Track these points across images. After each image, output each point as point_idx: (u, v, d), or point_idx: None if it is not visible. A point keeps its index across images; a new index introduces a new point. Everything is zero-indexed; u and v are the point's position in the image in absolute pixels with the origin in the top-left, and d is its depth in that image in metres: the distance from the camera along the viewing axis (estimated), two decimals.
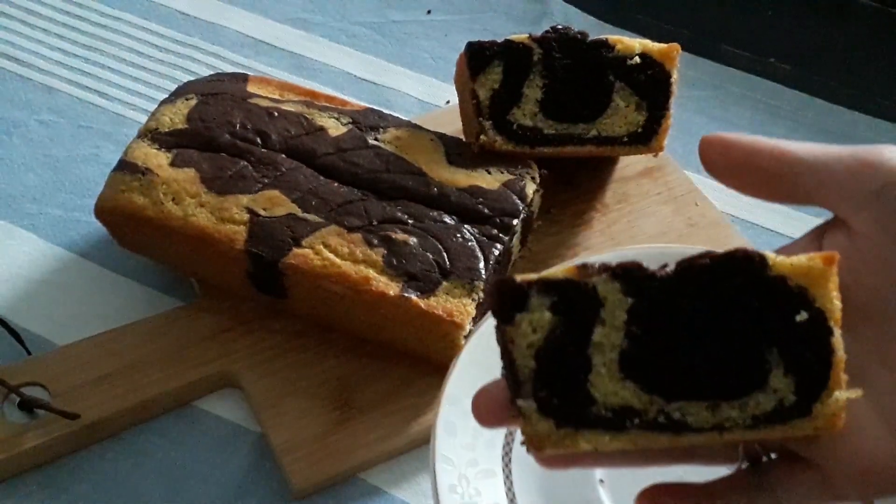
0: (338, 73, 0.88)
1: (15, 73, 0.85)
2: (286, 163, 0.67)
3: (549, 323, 0.39)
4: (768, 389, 0.39)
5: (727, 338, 0.39)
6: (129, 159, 0.67)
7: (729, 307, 0.39)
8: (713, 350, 0.39)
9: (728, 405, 0.39)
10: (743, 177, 0.44)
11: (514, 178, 0.68)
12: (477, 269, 0.63)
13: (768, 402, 0.39)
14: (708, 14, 0.96)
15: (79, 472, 0.62)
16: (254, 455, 0.63)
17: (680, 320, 0.39)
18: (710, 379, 0.39)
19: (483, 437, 0.55)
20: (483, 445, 0.55)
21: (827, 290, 0.39)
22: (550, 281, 0.39)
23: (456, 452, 0.53)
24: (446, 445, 0.53)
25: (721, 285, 0.39)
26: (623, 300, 0.39)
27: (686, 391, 0.39)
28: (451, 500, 0.51)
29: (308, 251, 0.63)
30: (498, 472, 0.55)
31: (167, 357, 0.66)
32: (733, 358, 0.39)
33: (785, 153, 0.43)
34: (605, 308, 0.39)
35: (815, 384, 0.39)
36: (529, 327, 0.39)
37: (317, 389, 0.65)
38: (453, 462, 0.53)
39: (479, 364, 0.56)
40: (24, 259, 0.73)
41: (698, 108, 0.86)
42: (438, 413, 0.53)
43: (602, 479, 0.55)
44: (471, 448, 0.54)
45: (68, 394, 0.63)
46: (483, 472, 0.54)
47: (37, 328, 0.69)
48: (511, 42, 0.68)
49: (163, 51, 0.88)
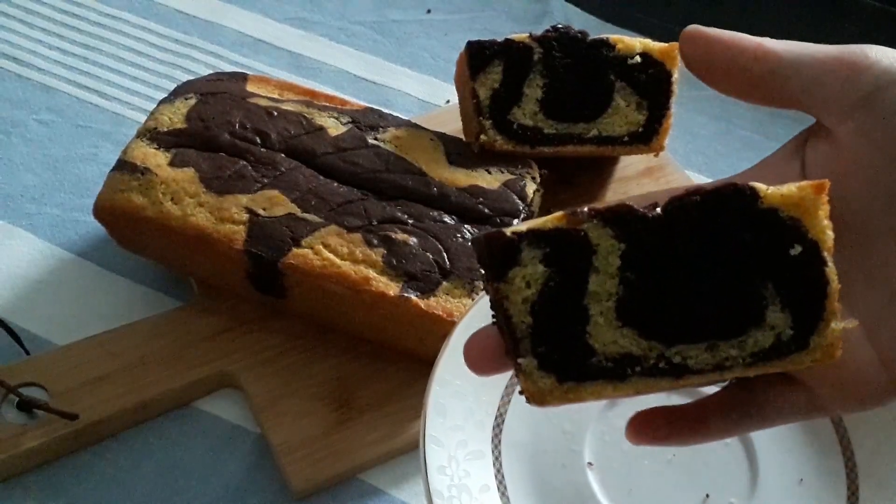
0: (337, 72, 0.88)
1: (14, 73, 0.85)
2: (285, 162, 0.67)
3: (542, 275, 0.38)
4: (765, 325, 0.39)
5: (722, 275, 0.38)
6: (128, 159, 0.67)
7: (722, 243, 0.38)
8: (708, 289, 0.38)
9: (727, 344, 0.39)
10: (724, 76, 0.42)
11: (515, 177, 0.68)
12: (477, 269, 0.63)
13: (766, 338, 0.39)
14: (709, 13, 0.96)
15: (78, 473, 0.62)
16: (253, 455, 0.63)
17: (674, 261, 0.38)
18: (707, 319, 0.39)
19: (473, 419, 0.54)
20: (473, 427, 0.54)
21: (819, 219, 0.38)
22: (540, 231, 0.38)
23: (445, 434, 0.53)
24: (436, 426, 0.52)
25: (713, 221, 0.38)
26: (615, 245, 0.38)
27: (684, 334, 0.39)
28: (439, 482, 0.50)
29: (307, 251, 0.63)
30: (487, 453, 0.55)
31: (166, 357, 0.65)
32: (729, 296, 0.38)
33: (768, 53, 0.41)
34: (598, 255, 0.38)
35: (812, 317, 0.38)
36: (523, 282, 0.38)
37: (316, 390, 0.65)
38: (442, 443, 0.53)
39: None
40: (23, 259, 0.72)
41: (699, 107, 0.86)
42: (428, 394, 0.53)
43: (590, 461, 0.56)
44: (460, 429, 0.54)
45: (67, 394, 0.63)
46: (472, 453, 0.54)
47: (35, 328, 0.68)
48: (511, 41, 0.68)
49: (162, 50, 0.88)
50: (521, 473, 0.54)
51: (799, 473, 0.59)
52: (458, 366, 0.53)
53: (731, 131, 0.85)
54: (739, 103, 0.94)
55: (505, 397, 0.57)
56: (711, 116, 0.86)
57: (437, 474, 0.51)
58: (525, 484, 0.54)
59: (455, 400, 0.54)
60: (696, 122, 0.85)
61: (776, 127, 0.86)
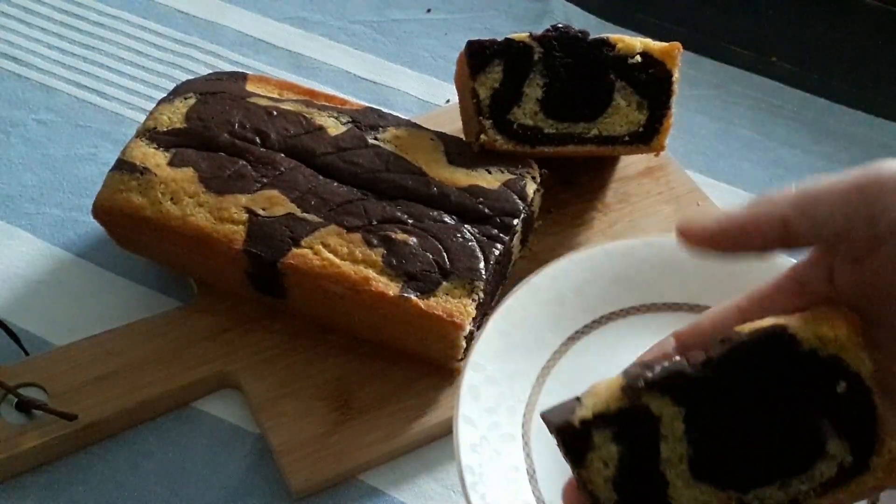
0: (337, 71, 0.88)
1: (13, 73, 0.85)
2: (285, 162, 0.67)
3: (617, 453, 0.41)
4: (828, 457, 0.42)
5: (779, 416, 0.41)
6: (128, 159, 0.67)
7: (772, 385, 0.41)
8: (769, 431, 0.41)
9: (796, 480, 0.42)
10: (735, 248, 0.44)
11: (515, 177, 0.68)
12: (477, 269, 0.63)
13: (830, 468, 0.42)
14: (709, 13, 0.95)
15: (77, 474, 0.62)
16: (253, 456, 0.63)
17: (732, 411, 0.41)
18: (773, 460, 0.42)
19: (505, 404, 0.57)
20: (505, 411, 0.56)
21: (857, 353, 0.41)
22: (606, 415, 0.41)
23: (478, 415, 0.55)
24: (469, 408, 0.55)
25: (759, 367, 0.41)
26: (677, 411, 0.41)
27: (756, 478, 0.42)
28: (471, 458, 0.53)
29: (307, 251, 0.63)
30: (518, 436, 0.56)
31: (165, 358, 0.65)
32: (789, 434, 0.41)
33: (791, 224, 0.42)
34: (663, 423, 0.41)
35: (867, 441, 0.41)
36: (601, 463, 0.41)
37: (316, 390, 0.65)
38: (475, 423, 0.55)
39: (504, 335, 0.58)
40: (22, 259, 0.72)
41: (699, 107, 0.86)
42: (463, 378, 0.56)
43: None
44: (493, 412, 0.56)
45: (66, 394, 0.63)
46: (504, 435, 0.56)
47: (34, 329, 0.68)
48: (511, 41, 0.68)
49: (161, 50, 0.88)
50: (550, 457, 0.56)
51: None
52: (493, 353, 0.57)
53: (731, 131, 0.85)
54: (739, 103, 0.95)
55: (536, 386, 0.59)
56: (711, 116, 0.86)
57: (469, 451, 0.54)
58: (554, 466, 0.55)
59: (488, 385, 0.57)
60: (696, 122, 0.85)
61: (776, 127, 0.86)
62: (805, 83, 0.89)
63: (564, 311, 0.60)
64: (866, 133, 0.85)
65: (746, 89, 0.88)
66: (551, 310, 0.60)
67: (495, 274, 0.65)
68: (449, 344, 0.62)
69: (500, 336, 0.58)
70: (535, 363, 0.59)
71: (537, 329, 0.59)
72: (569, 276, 0.61)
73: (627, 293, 0.62)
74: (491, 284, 0.64)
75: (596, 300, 0.61)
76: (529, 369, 0.59)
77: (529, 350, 0.59)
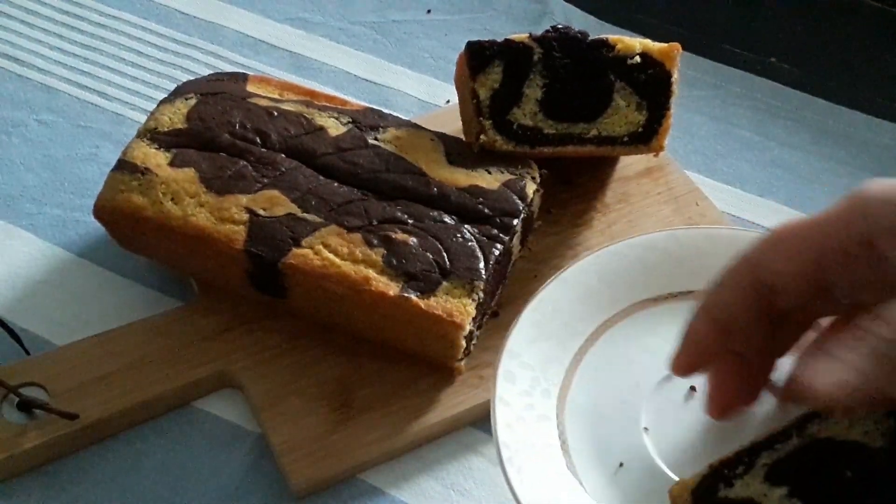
0: (337, 72, 0.88)
1: (14, 73, 0.85)
2: (286, 162, 0.67)
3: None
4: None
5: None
6: (129, 159, 0.67)
7: None
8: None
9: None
10: None
11: (515, 177, 0.68)
12: (477, 269, 0.63)
13: None
14: (708, 13, 0.95)
15: (78, 473, 0.62)
16: (253, 455, 0.63)
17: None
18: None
19: (539, 387, 0.59)
20: (539, 394, 0.59)
21: None
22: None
23: (514, 398, 0.58)
24: (505, 391, 0.58)
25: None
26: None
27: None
28: (507, 436, 0.56)
29: (308, 251, 0.63)
30: (552, 417, 0.58)
31: (166, 357, 0.65)
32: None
33: None
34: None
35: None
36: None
37: (316, 389, 0.65)
38: (511, 405, 0.58)
39: (537, 325, 0.60)
40: (23, 259, 0.72)
41: (699, 107, 0.86)
42: (499, 364, 0.58)
43: (646, 427, 0.58)
44: (528, 394, 0.58)
45: (67, 394, 0.63)
46: (538, 416, 0.58)
47: (35, 328, 0.68)
48: (511, 41, 0.68)
49: (162, 50, 0.88)
50: (583, 435, 0.58)
51: None
52: (527, 341, 0.60)
53: (731, 131, 0.85)
54: (739, 104, 0.95)
55: (569, 372, 0.60)
56: (711, 116, 0.86)
57: (505, 429, 0.56)
58: (586, 444, 0.58)
59: (523, 370, 0.59)
60: (696, 122, 0.85)
61: (776, 127, 0.86)
62: (804, 84, 0.89)
63: (594, 301, 0.62)
64: (865, 134, 0.85)
65: (745, 90, 0.88)
66: (581, 300, 0.62)
67: (495, 274, 0.65)
68: (449, 343, 0.62)
69: (533, 326, 0.60)
70: (569, 349, 0.61)
71: (569, 319, 0.62)
72: (597, 268, 0.64)
73: (655, 282, 0.64)
74: (491, 284, 0.64)
75: (624, 290, 0.63)
76: (563, 355, 0.60)
77: (562, 339, 0.61)
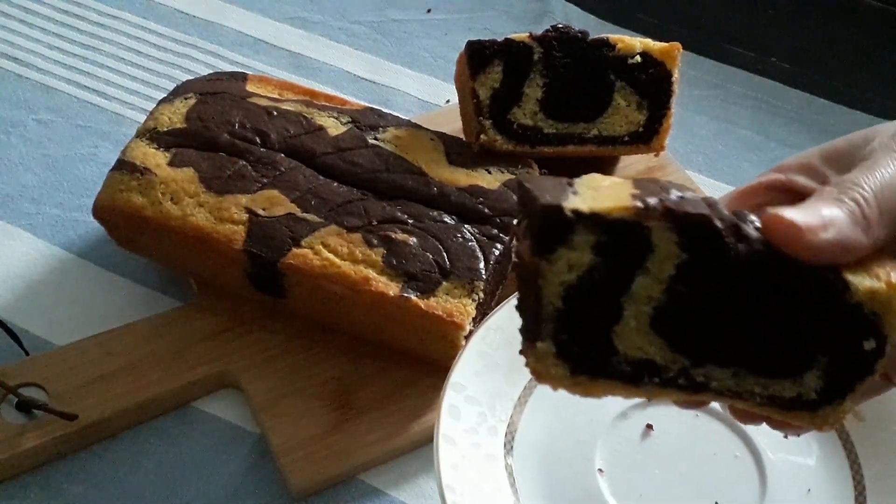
0: (337, 72, 0.88)
1: (13, 73, 0.85)
2: (285, 162, 0.67)
3: (589, 263, 0.36)
4: (798, 382, 0.38)
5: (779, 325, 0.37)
6: (128, 159, 0.67)
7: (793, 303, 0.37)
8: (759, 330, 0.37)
9: (754, 379, 0.38)
10: None
11: (515, 177, 0.68)
12: (477, 269, 0.63)
13: (791, 390, 0.39)
14: (709, 13, 0.96)
15: (77, 473, 0.62)
16: (253, 456, 0.63)
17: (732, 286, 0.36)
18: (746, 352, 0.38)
19: (486, 424, 0.56)
20: (486, 431, 0.56)
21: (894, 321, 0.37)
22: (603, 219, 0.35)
23: (459, 435, 0.55)
24: (450, 427, 0.54)
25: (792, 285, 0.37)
26: (677, 253, 0.36)
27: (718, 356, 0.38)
28: (451, 477, 0.52)
29: (307, 251, 0.63)
30: (499, 457, 0.56)
31: (166, 357, 0.65)
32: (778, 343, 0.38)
33: None
34: (654, 257, 0.36)
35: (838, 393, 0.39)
36: (566, 265, 0.36)
37: (316, 390, 0.65)
38: (456, 443, 0.54)
39: (485, 356, 0.58)
40: (22, 259, 0.72)
41: (699, 107, 0.86)
42: (443, 398, 0.55)
43: (601, 468, 0.56)
44: (474, 432, 0.56)
45: (66, 394, 0.63)
46: (485, 455, 0.55)
47: (35, 328, 0.68)
48: (511, 41, 0.68)
49: (161, 50, 0.88)
50: (533, 477, 0.55)
51: (807, 484, 0.59)
52: (472, 373, 0.56)
53: (731, 131, 0.85)
54: (739, 103, 0.95)
55: (518, 407, 0.58)
56: (711, 116, 0.86)
57: (450, 471, 0.52)
58: (537, 486, 0.55)
59: (469, 405, 0.56)
60: (696, 122, 0.85)
61: (776, 127, 0.86)
62: (805, 83, 0.89)
63: None
64: None
65: (746, 89, 0.88)
66: None
67: (495, 274, 0.65)
68: (449, 344, 0.62)
69: (480, 357, 0.58)
70: (517, 383, 0.58)
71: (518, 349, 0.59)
72: None
73: None
74: (491, 284, 0.64)
75: None
76: (511, 390, 0.58)
77: (510, 371, 0.57)
